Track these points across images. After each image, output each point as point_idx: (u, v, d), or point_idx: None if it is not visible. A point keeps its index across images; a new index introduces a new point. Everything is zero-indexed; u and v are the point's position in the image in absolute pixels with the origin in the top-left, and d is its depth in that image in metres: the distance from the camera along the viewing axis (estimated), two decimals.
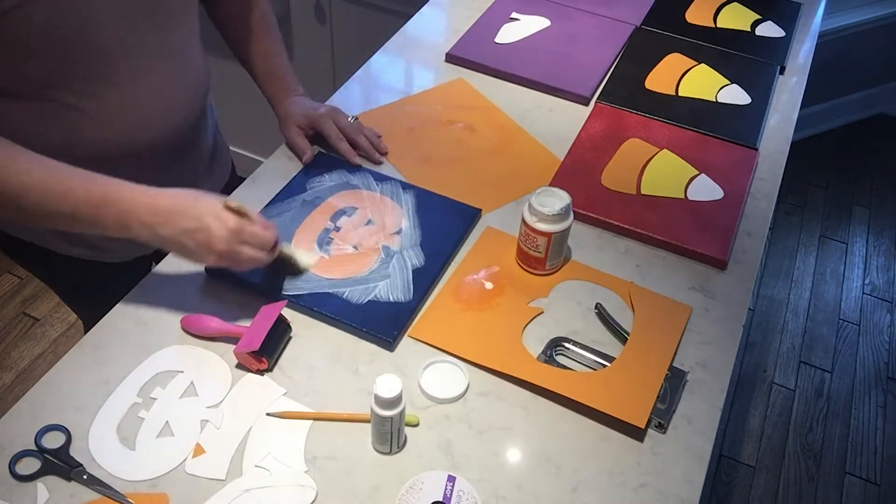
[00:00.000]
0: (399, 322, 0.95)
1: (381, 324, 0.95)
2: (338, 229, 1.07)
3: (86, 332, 0.98)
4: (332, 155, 1.17)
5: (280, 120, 1.17)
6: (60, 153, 0.86)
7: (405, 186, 1.13)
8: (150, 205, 0.84)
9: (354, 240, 1.05)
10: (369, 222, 1.08)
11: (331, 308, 0.96)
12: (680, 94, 1.34)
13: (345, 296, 0.98)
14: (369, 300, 0.97)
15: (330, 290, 0.98)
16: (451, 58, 1.39)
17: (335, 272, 1.01)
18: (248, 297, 0.98)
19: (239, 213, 0.88)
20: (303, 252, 1.02)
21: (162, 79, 0.99)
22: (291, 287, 0.99)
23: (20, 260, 1.16)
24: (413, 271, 1.01)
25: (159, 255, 1.07)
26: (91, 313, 1.02)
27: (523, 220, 0.99)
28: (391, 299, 0.98)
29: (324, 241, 1.05)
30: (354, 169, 1.15)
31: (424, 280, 1.00)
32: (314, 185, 1.13)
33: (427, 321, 0.97)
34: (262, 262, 0.91)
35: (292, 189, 1.12)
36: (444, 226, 1.08)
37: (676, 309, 1.00)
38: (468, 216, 1.09)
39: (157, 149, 1.03)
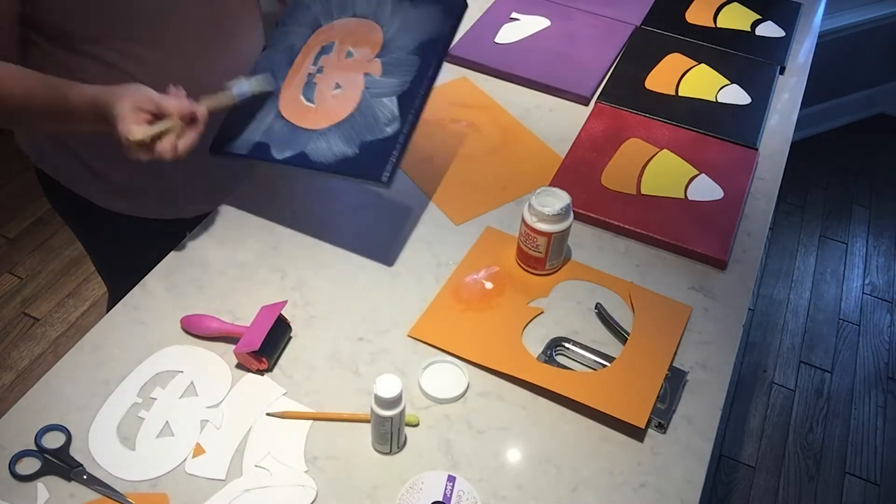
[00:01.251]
0: (386, 157, 0.91)
1: (370, 165, 0.91)
2: (321, 70, 1.01)
3: (109, 307, 0.99)
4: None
5: None
6: None
7: (379, 1, 1.05)
8: (104, 104, 0.87)
9: (337, 77, 1.00)
10: (348, 54, 1.02)
11: (319, 162, 0.93)
12: (680, 94, 1.34)
13: (332, 143, 0.94)
14: (360, 141, 0.93)
15: (318, 142, 0.96)
16: (451, 58, 1.39)
17: (322, 120, 0.97)
18: (249, 297, 0.98)
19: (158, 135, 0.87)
20: (219, 97, 0.96)
21: (208, 48, 1.02)
22: (279, 151, 0.96)
23: (65, 213, 1.21)
24: (399, 96, 0.95)
25: (201, 218, 1.09)
26: (123, 279, 1.04)
27: (523, 220, 0.99)
28: (379, 136, 0.93)
29: (310, 89, 1.00)
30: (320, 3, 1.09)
31: (411, 101, 0.94)
32: (293, 31, 1.08)
33: (427, 321, 0.97)
34: (191, 140, 0.89)
35: (274, 41, 1.08)
36: (425, 30, 0.99)
37: (676, 309, 1.00)
38: (452, 9, 0.99)
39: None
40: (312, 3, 1.10)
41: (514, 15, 1.50)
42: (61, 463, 0.81)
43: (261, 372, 0.90)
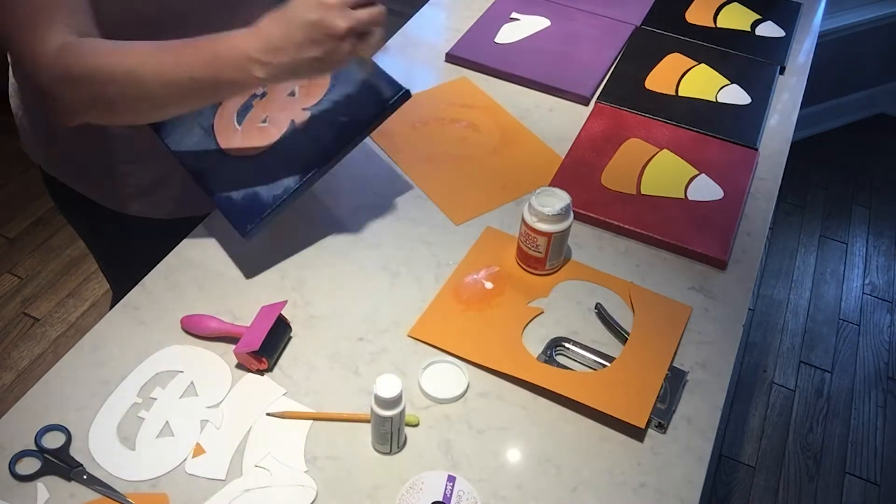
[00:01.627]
0: (259, 213, 0.92)
1: (243, 214, 0.93)
2: (263, 95, 1.01)
3: (112, 306, 1.00)
4: None
5: None
6: None
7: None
8: (259, 41, 0.81)
9: (269, 111, 1.00)
10: (292, 93, 1.01)
11: (212, 183, 0.95)
12: (680, 94, 1.34)
13: (230, 175, 0.95)
14: (250, 187, 0.94)
15: (223, 167, 0.97)
16: (451, 58, 1.39)
17: (235, 146, 0.98)
18: (249, 297, 0.98)
19: None
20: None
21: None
22: (190, 160, 0.97)
23: (71, 215, 1.20)
24: (303, 158, 0.96)
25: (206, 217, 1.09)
26: (128, 279, 1.04)
27: (523, 220, 0.99)
28: (265, 187, 0.95)
29: (245, 109, 1.00)
30: None
31: (308, 170, 0.95)
32: None
33: (427, 321, 0.97)
34: (382, 15, 0.84)
35: None
36: (361, 105, 0.98)
37: (676, 309, 1.00)
38: (385, 96, 0.97)
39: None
40: None
41: (514, 15, 1.50)
42: (61, 463, 0.81)
43: (261, 372, 0.90)
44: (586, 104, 1.32)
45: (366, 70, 0.98)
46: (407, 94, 0.98)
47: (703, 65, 1.40)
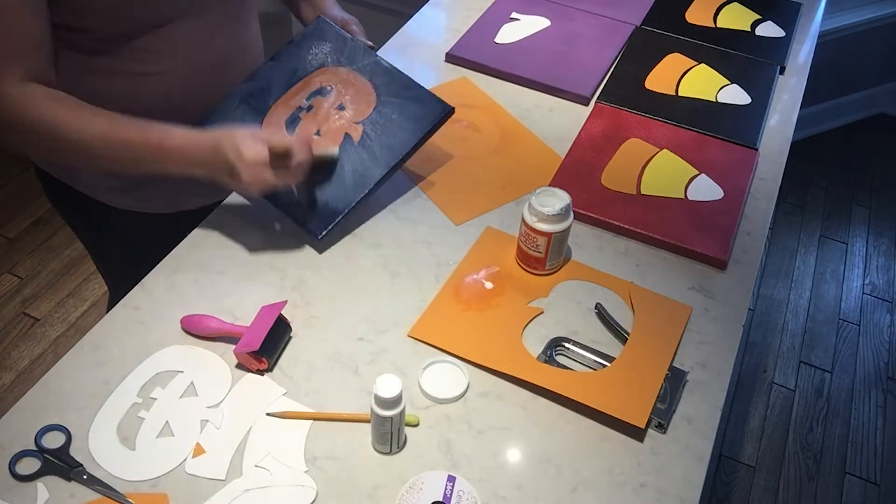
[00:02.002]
0: (330, 219, 0.98)
1: (313, 220, 0.99)
2: (310, 109, 1.06)
3: (110, 307, 1.00)
4: (332, 24, 1.14)
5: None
6: (124, 106, 0.95)
7: (387, 70, 1.09)
8: (198, 153, 0.92)
9: (320, 124, 1.05)
10: (341, 106, 1.06)
11: (274, 196, 1.00)
12: (680, 94, 1.34)
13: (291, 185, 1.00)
14: (316, 194, 1.00)
15: None
16: (451, 58, 1.39)
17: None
18: (249, 297, 0.98)
19: (283, 153, 0.92)
20: (324, 147, 1.03)
21: (222, 46, 1.05)
22: None
23: (65, 211, 1.21)
24: (362, 170, 1.02)
25: (202, 211, 1.11)
26: (124, 278, 1.06)
27: (523, 220, 0.99)
28: (332, 196, 1.00)
29: (293, 121, 1.05)
30: (345, 44, 1.12)
31: (369, 179, 1.02)
32: (302, 55, 1.11)
33: (427, 321, 0.97)
34: (295, 177, 0.95)
35: (282, 56, 1.11)
36: (410, 120, 1.05)
37: (676, 309, 1.00)
38: (437, 112, 1.06)
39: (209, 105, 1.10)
40: (330, 39, 1.13)
41: (514, 15, 1.50)
42: (61, 463, 0.81)
43: (261, 372, 0.90)
44: (586, 104, 1.32)
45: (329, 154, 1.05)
46: (451, 111, 1.07)
47: (703, 65, 1.40)
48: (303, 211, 0.99)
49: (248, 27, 1.11)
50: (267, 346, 0.89)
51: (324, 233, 0.96)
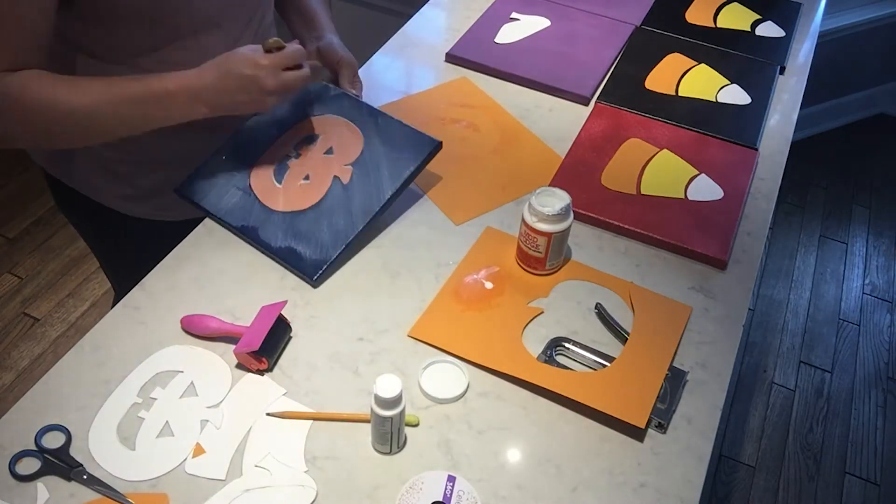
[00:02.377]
0: (323, 262, 1.00)
1: (307, 262, 1.00)
2: (298, 156, 1.08)
3: (114, 304, 1.00)
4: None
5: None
6: None
7: (371, 112, 1.11)
8: (202, 84, 0.93)
9: (309, 169, 1.07)
10: (329, 151, 1.08)
11: (266, 242, 1.02)
12: (680, 94, 1.34)
13: (284, 229, 1.02)
14: (310, 237, 1.01)
15: (273, 223, 1.03)
16: (451, 58, 1.39)
17: (283, 204, 1.05)
18: (249, 297, 0.98)
19: (276, 47, 0.94)
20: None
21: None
22: (237, 219, 1.04)
23: (77, 219, 1.22)
24: (354, 209, 1.03)
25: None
26: (132, 281, 1.05)
27: (523, 220, 0.99)
28: (326, 238, 1.01)
29: (282, 170, 1.07)
30: (328, 91, 1.14)
31: (363, 218, 1.03)
32: (285, 107, 1.13)
33: (427, 321, 0.97)
34: (307, 77, 0.97)
35: (279, 109, 1.13)
36: (399, 157, 1.07)
37: (676, 309, 1.00)
38: (424, 147, 1.07)
39: (232, 118, 1.09)
40: (312, 88, 1.14)
41: (514, 15, 1.50)
42: (61, 463, 0.81)
43: (261, 372, 0.90)
44: (586, 104, 1.32)
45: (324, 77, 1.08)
46: (439, 145, 1.08)
47: (703, 65, 1.40)
48: (295, 257, 1.01)
49: (266, 37, 1.11)
50: (267, 346, 0.89)
51: (319, 275, 0.99)
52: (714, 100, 1.33)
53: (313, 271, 0.99)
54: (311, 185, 1.06)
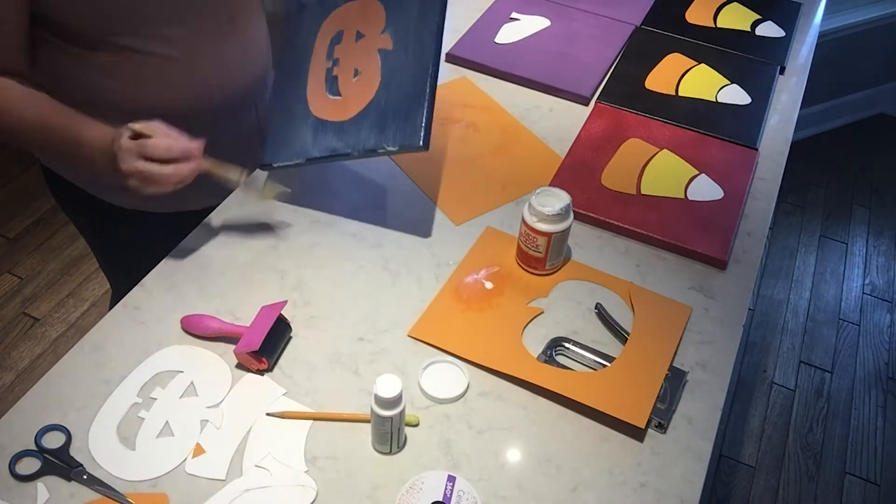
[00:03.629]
0: (419, 122, 0.97)
1: (405, 135, 0.97)
2: (336, 62, 1.06)
3: (112, 305, 1.00)
4: None
5: None
6: (126, 105, 0.98)
7: None
8: (100, 141, 0.92)
9: (354, 63, 1.05)
10: (359, 35, 1.06)
11: (359, 149, 0.99)
12: (680, 94, 1.34)
13: (365, 128, 0.99)
14: (390, 116, 0.99)
15: (354, 130, 1.01)
16: (452, 58, 1.39)
17: (351, 109, 1.02)
18: (249, 297, 0.98)
19: (141, 134, 0.89)
20: (226, 168, 0.97)
21: (223, 43, 1.05)
22: (323, 149, 1.01)
23: (70, 210, 1.22)
24: (414, 63, 1.00)
25: (207, 211, 1.10)
26: (126, 276, 1.05)
27: (523, 220, 0.99)
28: (405, 104, 0.98)
29: (333, 84, 1.05)
30: None
31: (427, 63, 1.00)
32: (300, 35, 1.11)
33: (427, 321, 0.97)
34: (181, 175, 0.91)
35: (285, 50, 1.11)
36: (421, 10, 1.05)
37: (676, 309, 1.00)
38: (437, 2, 1.05)
39: (214, 111, 1.09)
40: (310, 2, 1.12)
41: (514, 15, 1.50)
42: (61, 463, 0.81)
43: (261, 372, 0.90)
44: (586, 104, 1.32)
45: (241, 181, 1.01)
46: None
47: (703, 65, 1.40)
48: (394, 138, 0.97)
49: (253, 27, 1.11)
50: (267, 346, 0.89)
51: (424, 138, 0.95)
52: (714, 100, 1.33)
53: (417, 139, 0.96)
54: (364, 75, 1.03)
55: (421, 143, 0.96)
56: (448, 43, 1.43)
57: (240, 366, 0.91)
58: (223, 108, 1.10)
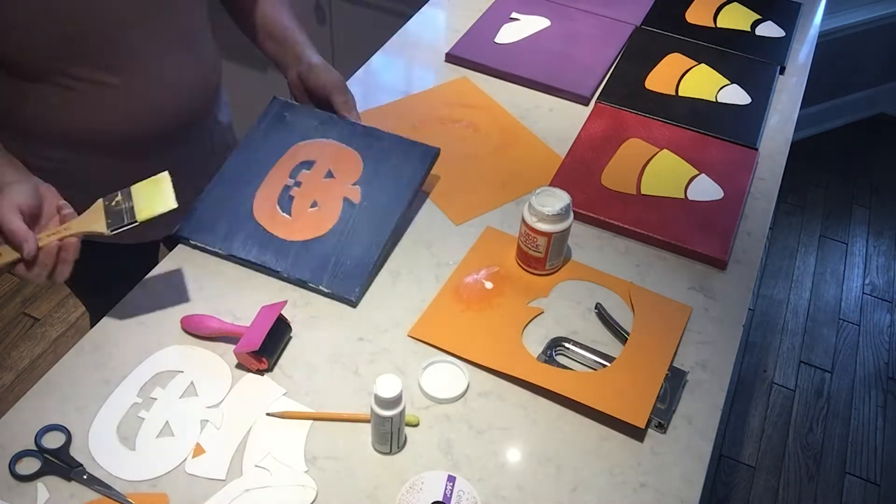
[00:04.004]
0: (357, 280, 0.98)
1: (340, 285, 0.98)
2: (298, 184, 1.06)
3: (93, 325, 0.99)
4: (289, 101, 1.14)
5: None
6: (71, 136, 0.94)
7: (360, 130, 1.10)
8: None
9: (315, 195, 1.05)
10: (328, 174, 1.07)
11: (289, 273, 0.99)
12: (680, 94, 1.34)
13: (306, 257, 1.00)
14: (334, 260, 1.00)
15: (292, 253, 1.00)
16: (451, 58, 1.39)
17: (297, 233, 1.02)
18: (249, 297, 0.98)
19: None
20: (89, 221, 0.90)
21: (170, 65, 1.02)
22: (249, 252, 1.01)
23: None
24: (374, 224, 1.03)
25: (169, 241, 1.08)
26: (100, 302, 1.02)
27: (523, 220, 0.99)
28: (352, 258, 1.00)
29: (286, 200, 1.05)
30: (309, 118, 1.12)
31: (385, 231, 1.02)
32: (270, 138, 1.11)
33: (427, 321, 0.97)
34: (32, 275, 0.85)
35: (249, 144, 1.10)
36: (403, 169, 1.07)
37: (676, 309, 1.00)
38: (427, 156, 1.08)
39: (164, 135, 1.06)
40: (293, 118, 1.12)
41: (514, 15, 1.50)
42: (61, 463, 0.81)
43: (261, 372, 0.90)
44: (586, 104, 1.32)
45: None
46: (438, 152, 1.09)
47: (703, 65, 1.40)
48: (327, 282, 0.98)
49: (199, 47, 1.07)
50: (267, 346, 0.89)
51: (356, 296, 0.97)
52: (714, 100, 1.33)
53: (350, 293, 0.97)
54: (322, 211, 1.04)
55: (354, 299, 0.97)
56: (448, 43, 1.43)
57: (240, 366, 0.91)
58: (174, 130, 1.07)
